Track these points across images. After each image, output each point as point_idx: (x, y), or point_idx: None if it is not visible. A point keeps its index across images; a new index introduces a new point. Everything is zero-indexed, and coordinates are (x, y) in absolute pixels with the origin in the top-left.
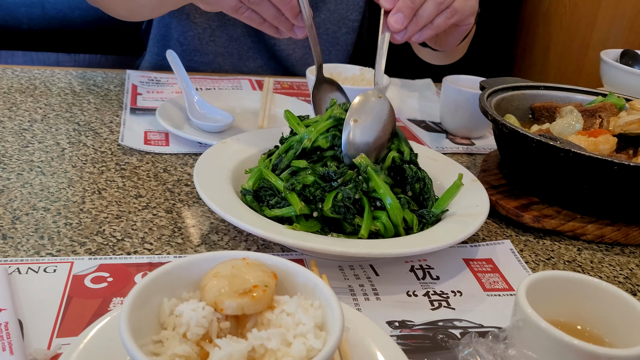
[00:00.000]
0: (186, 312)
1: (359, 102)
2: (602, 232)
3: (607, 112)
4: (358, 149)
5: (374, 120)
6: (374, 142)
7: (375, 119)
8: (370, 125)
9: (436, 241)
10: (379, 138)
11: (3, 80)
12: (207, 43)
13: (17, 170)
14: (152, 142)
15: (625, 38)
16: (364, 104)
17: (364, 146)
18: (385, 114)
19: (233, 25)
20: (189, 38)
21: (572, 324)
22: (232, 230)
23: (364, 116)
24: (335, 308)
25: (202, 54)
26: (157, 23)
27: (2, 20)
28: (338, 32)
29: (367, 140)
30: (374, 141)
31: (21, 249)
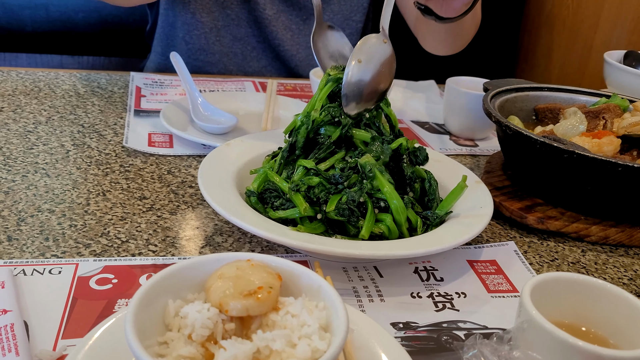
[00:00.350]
0: (191, 314)
1: (363, 44)
2: (607, 234)
3: (611, 114)
4: (357, 91)
5: (377, 63)
6: (374, 84)
7: (378, 63)
8: (372, 67)
9: (440, 243)
10: (380, 82)
11: (7, 82)
12: (214, 43)
13: (22, 172)
14: (156, 144)
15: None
16: (368, 46)
17: (363, 88)
18: (388, 58)
19: (237, 26)
20: (195, 37)
21: (577, 326)
22: (236, 232)
23: (367, 58)
24: (339, 309)
25: (208, 54)
26: (162, 22)
27: (6, 22)
28: None
29: (367, 82)
30: (374, 84)
31: (26, 251)
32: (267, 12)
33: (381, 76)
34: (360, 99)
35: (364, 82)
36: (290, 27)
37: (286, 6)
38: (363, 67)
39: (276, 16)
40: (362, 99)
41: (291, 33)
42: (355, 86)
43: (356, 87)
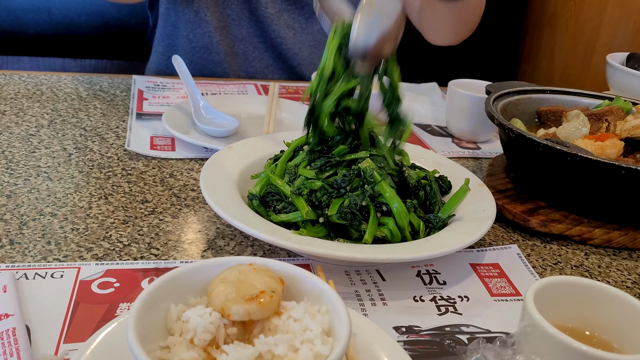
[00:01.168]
0: (193, 318)
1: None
2: (610, 237)
3: (614, 116)
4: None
5: (385, 18)
6: (382, 42)
7: (386, 17)
8: (380, 23)
9: (443, 246)
10: (387, 39)
11: (10, 85)
12: (218, 42)
13: (25, 176)
14: (158, 147)
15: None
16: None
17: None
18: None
19: (238, 26)
20: (199, 35)
21: (581, 330)
22: (238, 235)
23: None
24: (342, 314)
25: (212, 53)
26: (163, 22)
27: (9, 26)
28: None
29: (374, 39)
30: (381, 41)
31: (28, 255)
32: (268, 11)
33: (388, 29)
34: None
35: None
36: (293, 25)
37: (288, 4)
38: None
39: (278, 15)
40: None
41: (293, 32)
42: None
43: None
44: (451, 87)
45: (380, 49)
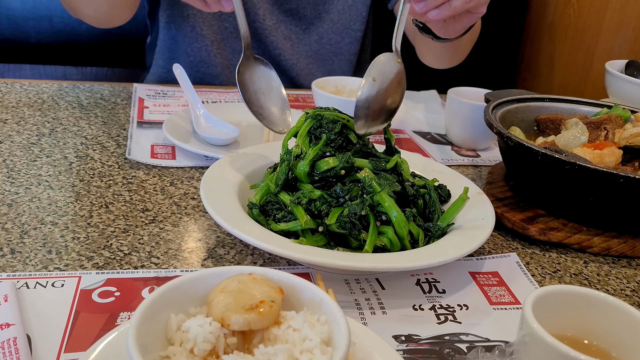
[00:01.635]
0: (193, 328)
1: (381, 65)
2: (609, 245)
3: (613, 124)
4: (370, 109)
5: (390, 82)
6: (386, 103)
7: (391, 82)
8: (385, 86)
9: (442, 255)
10: (391, 101)
11: (12, 94)
12: (215, 55)
13: (26, 185)
14: (158, 156)
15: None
16: (385, 67)
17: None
18: (400, 78)
19: (236, 38)
20: (196, 49)
21: (579, 339)
22: (238, 244)
23: (381, 76)
24: (341, 323)
25: (210, 66)
26: (163, 36)
27: (11, 34)
28: (341, 42)
29: (380, 100)
30: (385, 102)
31: (29, 264)
32: (266, 23)
33: (393, 95)
34: (370, 117)
35: (377, 100)
36: (290, 36)
37: (285, 16)
38: (377, 85)
39: (275, 26)
40: (372, 118)
41: (291, 43)
42: (368, 104)
43: (369, 105)
44: (450, 95)
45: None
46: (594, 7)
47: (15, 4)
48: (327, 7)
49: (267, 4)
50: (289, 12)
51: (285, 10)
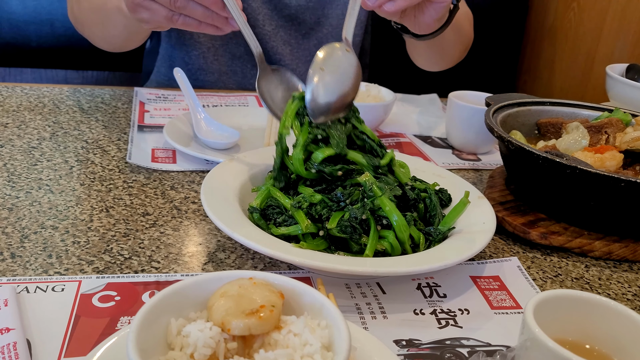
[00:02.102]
0: (193, 333)
1: (325, 55)
2: (610, 249)
3: (614, 128)
4: (323, 106)
5: (341, 74)
6: (340, 98)
7: (343, 74)
8: (336, 79)
9: (443, 259)
10: (346, 95)
11: (12, 98)
12: (212, 62)
13: (26, 189)
14: (159, 160)
15: (631, 52)
16: (330, 58)
17: (328, 103)
18: (351, 67)
19: (235, 44)
20: (194, 57)
21: (581, 343)
22: (239, 248)
23: (331, 71)
24: (342, 328)
25: (207, 73)
26: (165, 44)
27: (12, 38)
28: None
29: (332, 97)
30: (339, 98)
31: (29, 268)
32: (266, 28)
33: (345, 85)
34: (324, 108)
35: (328, 90)
36: (290, 41)
37: (285, 21)
38: (326, 75)
39: (275, 31)
40: (327, 109)
41: (290, 47)
42: (319, 94)
43: (320, 96)
44: (451, 99)
45: (342, 105)
46: (594, 11)
47: (17, 8)
48: (327, 12)
49: (266, 9)
50: (288, 17)
51: (284, 16)
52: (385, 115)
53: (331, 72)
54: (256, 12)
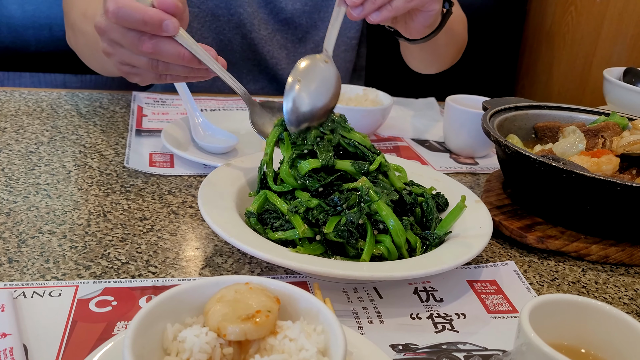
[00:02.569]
0: (189, 338)
1: (304, 67)
2: (607, 253)
3: (610, 132)
4: (301, 117)
5: (320, 86)
6: (319, 109)
7: (318, 83)
8: (315, 90)
9: (440, 263)
10: (324, 106)
11: (11, 102)
12: None
13: (24, 194)
14: (157, 164)
15: (629, 55)
16: (308, 69)
17: (308, 114)
18: (329, 78)
19: (231, 51)
20: None
21: (576, 348)
22: (236, 253)
23: (309, 81)
24: (338, 333)
25: None
26: None
27: (11, 42)
28: (337, 50)
29: (312, 108)
30: (319, 109)
31: (27, 273)
32: (262, 33)
33: (322, 95)
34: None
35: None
36: (286, 45)
37: (281, 25)
38: (303, 86)
39: (271, 36)
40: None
41: (286, 51)
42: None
43: (296, 105)
44: (448, 103)
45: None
46: (592, 15)
47: (16, 13)
48: (322, 15)
49: (262, 14)
50: (284, 21)
51: (280, 20)
52: (383, 119)
53: (309, 82)
54: (252, 16)
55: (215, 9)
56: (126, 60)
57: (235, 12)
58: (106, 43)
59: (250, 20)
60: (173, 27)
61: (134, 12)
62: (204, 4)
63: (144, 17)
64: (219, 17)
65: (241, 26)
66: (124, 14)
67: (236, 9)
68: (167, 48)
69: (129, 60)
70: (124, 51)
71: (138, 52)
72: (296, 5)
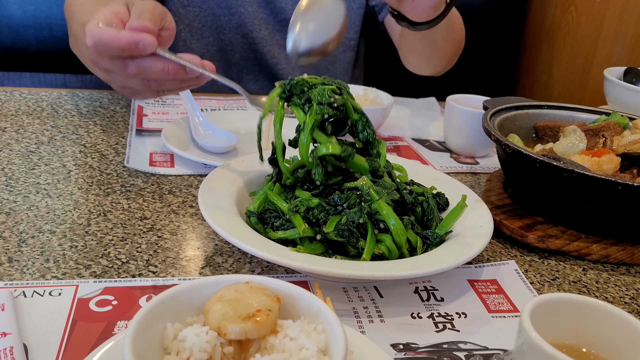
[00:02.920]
0: (189, 337)
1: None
2: (608, 252)
3: (611, 131)
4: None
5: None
6: (322, 47)
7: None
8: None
9: (440, 263)
10: (328, 43)
11: (11, 102)
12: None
13: (24, 193)
14: (157, 164)
15: (629, 55)
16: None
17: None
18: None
19: (231, 51)
20: None
21: (577, 347)
22: (236, 252)
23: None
24: (338, 332)
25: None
26: None
27: (11, 42)
28: (336, 51)
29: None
30: (321, 47)
31: (27, 272)
32: (262, 32)
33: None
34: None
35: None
36: (285, 45)
37: (281, 25)
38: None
39: (271, 35)
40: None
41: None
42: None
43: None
44: (449, 103)
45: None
46: (592, 15)
47: (16, 13)
48: None
49: (262, 14)
50: (284, 21)
51: (280, 20)
52: (383, 119)
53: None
54: (252, 16)
55: (216, 8)
56: (122, 84)
57: (236, 12)
58: (101, 72)
59: (251, 20)
60: (150, 44)
61: (110, 41)
62: (204, 3)
63: (119, 44)
64: (220, 16)
65: (242, 26)
66: (101, 46)
67: (237, 8)
68: (149, 65)
69: (124, 84)
70: (118, 77)
71: (127, 76)
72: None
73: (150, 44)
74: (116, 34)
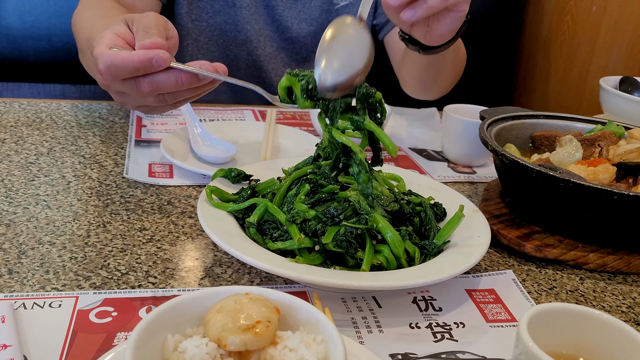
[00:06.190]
0: (190, 349)
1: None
2: (604, 261)
3: (607, 141)
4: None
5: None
6: (348, 82)
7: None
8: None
9: (438, 273)
10: (355, 77)
11: (10, 113)
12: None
13: (24, 204)
14: (156, 175)
15: (625, 64)
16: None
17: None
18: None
19: (236, 66)
20: None
21: (574, 356)
22: (235, 263)
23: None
24: (337, 343)
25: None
26: None
27: (10, 53)
28: None
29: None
30: (347, 82)
31: (27, 284)
32: (267, 50)
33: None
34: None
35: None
36: (290, 64)
37: (286, 44)
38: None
39: (275, 53)
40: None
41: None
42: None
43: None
44: (446, 113)
45: (351, 84)
46: (588, 24)
47: (15, 24)
48: None
49: (268, 31)
50: (289, 40)
51: (285, 39)
52: None
53: (338, 52)
54: (258, 33)
55: (223, 24)
56: (137, 104)
57: (242, 29)
58: (114, 95)
59: (257, 37)
60: (164, 59)
61: (124, 64)
62: (212, 18)
63: (133, 64)
64: (226, 32)
65: (247, 42)
66: (115, 70)
67: (243, 25)
68: (162, 80)
69: (139, 103)
70: (131, 97)
71: (141, 95)
72: (301, 25)
73: (164, 59)
74: (127, 54)
